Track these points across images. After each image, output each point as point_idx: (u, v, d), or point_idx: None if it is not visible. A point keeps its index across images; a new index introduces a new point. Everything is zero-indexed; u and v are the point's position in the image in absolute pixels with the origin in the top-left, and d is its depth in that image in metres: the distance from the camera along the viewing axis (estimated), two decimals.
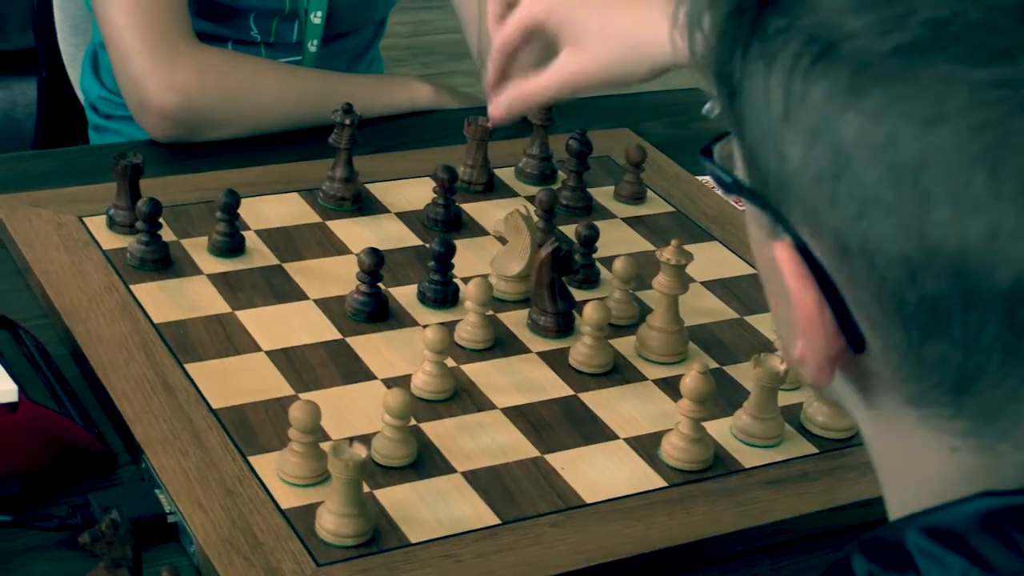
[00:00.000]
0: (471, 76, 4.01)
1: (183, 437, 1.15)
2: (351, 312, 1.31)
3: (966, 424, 0.69)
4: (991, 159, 0.62)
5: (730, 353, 1.34)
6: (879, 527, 0.72)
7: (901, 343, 0.67)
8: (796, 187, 0.67)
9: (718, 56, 0.70)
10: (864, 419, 0.74)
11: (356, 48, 1.94)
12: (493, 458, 1.17)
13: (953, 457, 0.70)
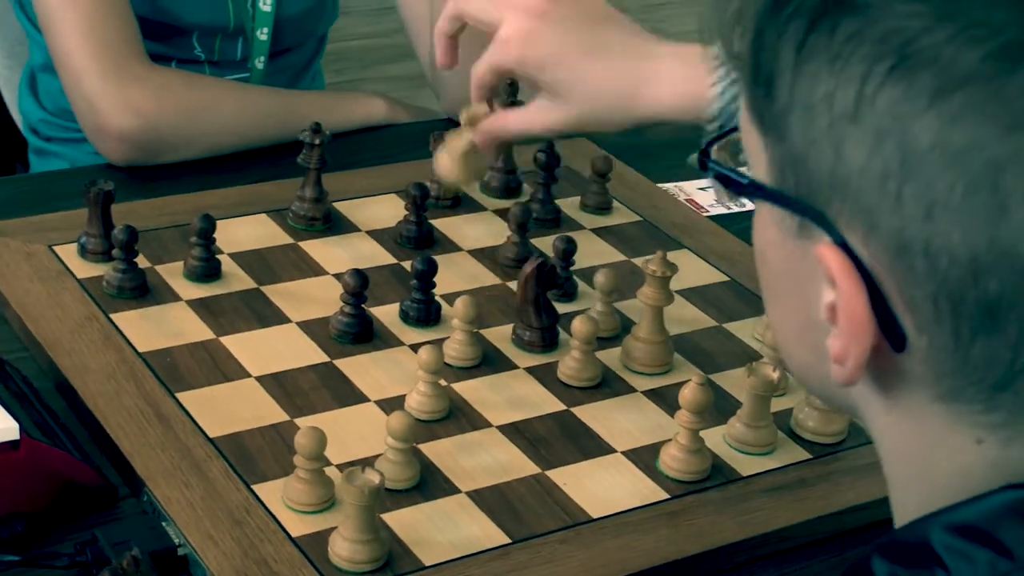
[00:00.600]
0: (383, 83, 4.02)
1: (184, 468, 1.15)
2: (336, 334, 1.31)
3: (999, 418, 0.70)
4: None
5: (713, 361, 1.35)
6: (894, 530, 0.74)
7: (949, 342, 0.69)
8: (854, 187, 0.68)
9: (761, 56, 0.71)
10: (878, 418, 0.75)
11: (299, 64, 1.94)
12: (495, 476, 1.18)
13: (978, 449, 0.71)
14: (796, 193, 0.71)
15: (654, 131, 1.80)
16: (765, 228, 0.75)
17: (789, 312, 0.75)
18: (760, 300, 1.39)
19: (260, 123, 1.65)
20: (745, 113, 0.75)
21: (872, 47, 0.66)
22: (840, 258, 0.69)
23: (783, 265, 0.74)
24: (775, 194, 0.72)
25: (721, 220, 1.62)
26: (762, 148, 0.73)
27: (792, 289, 0.74)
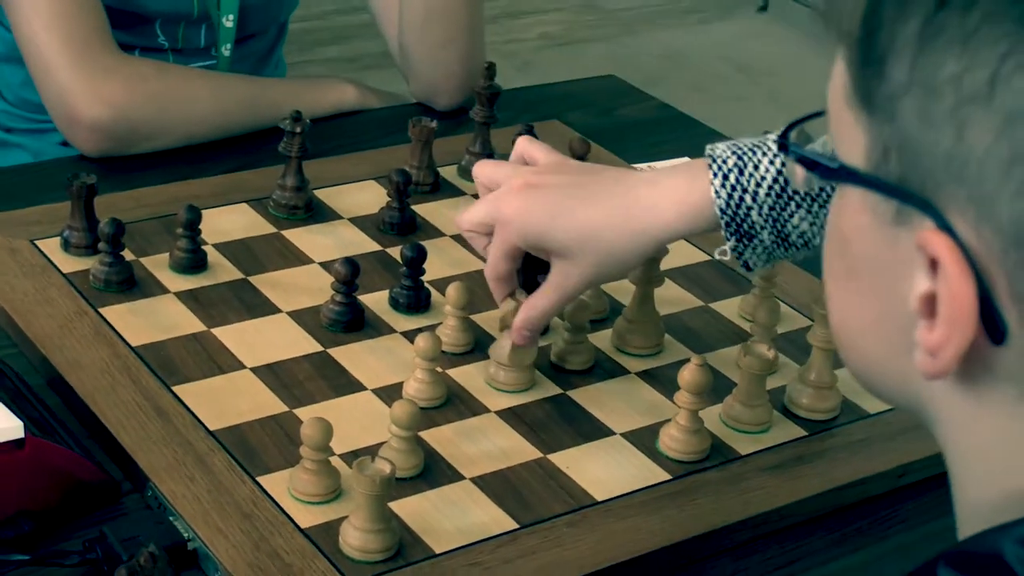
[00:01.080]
0: (322, 65, 4.00)
1: (187, 462, 1.14)
2: (327, 323, 1.31)
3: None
4: None
5: (703, 341, 1.36)
6: (963, 540, 0.71)
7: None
8: (973, 171, 0.65)
9: (877, 34, 0.68)
10: (953, 415, 0.72)
11: (262, 50, 1.93)
12: (498, 462, 1.18)
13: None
14: (898, 178, 0.68)
15: (624, 112, 1.83)
16: (854, 214, 0.72)
17: (866, 301, 0.73)
18: (744, 280, 1.42)
19: (233, 111, 1.64)
20: (841, 95, 0.72)
21: (1014, 26, 0.63)
22: (949, 245, 0.66)
23: (870, 252, 0.71)
24: (871, 179, 0.70)
25: None
26: (860, 131, 0.70)
27: (876, 278, 0.71)
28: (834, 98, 0.73)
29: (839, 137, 0.73)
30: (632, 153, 1.71)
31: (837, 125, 0.73)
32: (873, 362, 0.76)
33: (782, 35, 4.56)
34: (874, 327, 0.73)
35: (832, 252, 0.76)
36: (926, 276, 0.68)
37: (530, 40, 4.31)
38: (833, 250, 0.76)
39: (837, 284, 0.76)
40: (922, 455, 1.23)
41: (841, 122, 0.72)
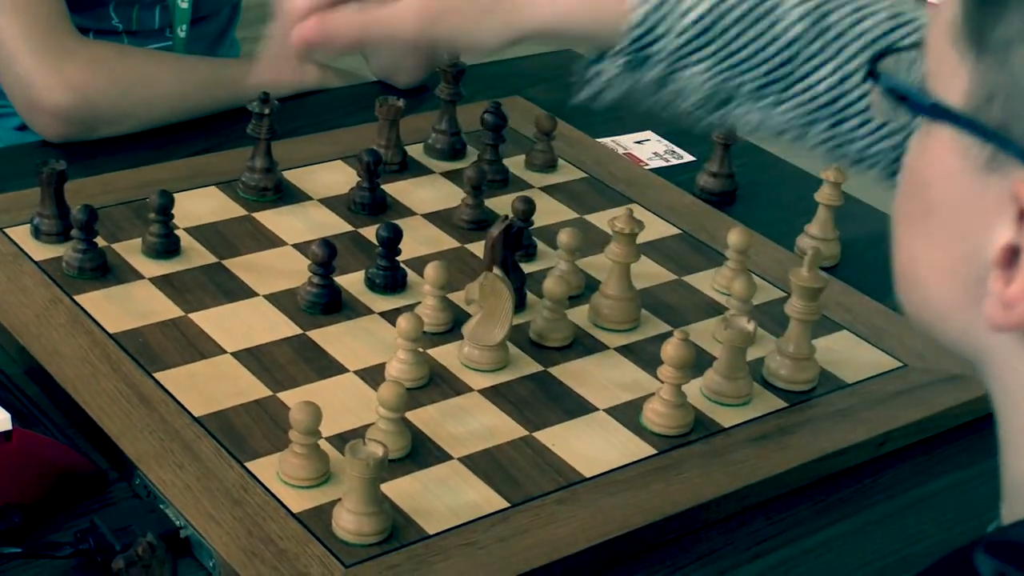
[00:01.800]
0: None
1: (174, 449, 1.13)
2: (305, 305, 1.30)
3: None
4: None
5: (679, 314, 1.37)
6: (1005, 527, 0.71)
7: None
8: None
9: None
10: (1017, 370, 0.70)
11: (215, 31, 1.91)
12: (485, 441, 1.18)
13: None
14: (1000, 124, 0.66)
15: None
16: (940, 155, 0.70)
17: (939, 246, 0.71)
18: (716, 253, 1.42)
19: (194, 94, 1.63)
20: (948, 30, 0.69)
21: None
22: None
23: (953, 196, 0.69)
24: (968, 121, 0.68)
25: (662, 173, 1.63)
26: (964, 71, 0.68)
27: (954, 223, 0.70)
28: (937, 32, 0.71)
29: (937, 74, 0.70)
30: (596, 127, 1.71)
31: (937, 62, 0.70)
32: (936, 309, 0.73)
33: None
34: (943, 274, 0.72)
35: (907, 193, 0.74)
36: (1012, 227, 0.66)
37: None
38: (908, 191, 0.74)
39: (909, 226, 0.74)
40: (902, 423, 1.25)
41: (943, 59, 0.70)
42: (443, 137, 1.58)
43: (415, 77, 1.76)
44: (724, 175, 1.59)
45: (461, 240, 1.44)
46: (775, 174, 1.68)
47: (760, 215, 1.56)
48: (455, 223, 1.46)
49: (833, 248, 1.49)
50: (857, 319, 1.38)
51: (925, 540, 1.17)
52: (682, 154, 1.69)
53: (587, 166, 1.60)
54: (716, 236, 1.47)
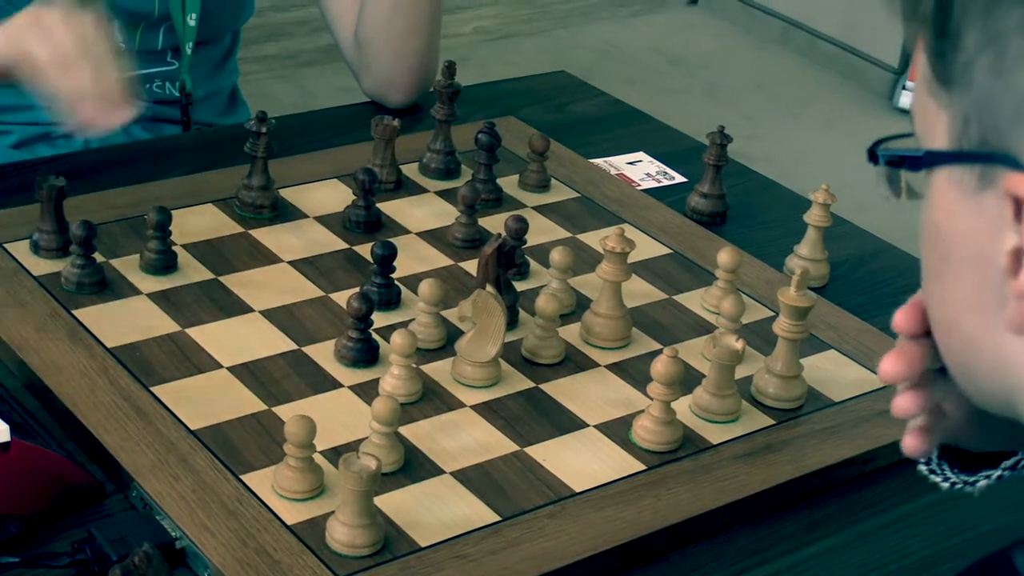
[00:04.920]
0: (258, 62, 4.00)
1: (170, 462, 1.15)
2: (348, 362, 1.28)
3: None
4: None
5: (669, 333, 1.38)
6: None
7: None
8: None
9: (951, 9, 0.72)
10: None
11: (217, 57, 1.93)
12: (477, 456, 1.20)
13: None
14: (979, 141, 0.72)
15: (576, 108, 1.85)
16: (942, 195, 0.76)
17: (960, 280, 0.76)
18: (706, 272, 1.44)
19: None
20: (925, 88, 0.76)
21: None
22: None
23: (960, 229, 0.75)
24: (954, 155, 0.74)
25: (654, 193, 1.65)
26: (942, 113, 0.75)
27: (966, 252, 0.75)
28: (918, 95, 0.77)
29: (926, 131, 0.77)
30: (587, 148, 1.73)
31: (923, 120, 0.77)
32: (971, 345, 0.77)
33: (713, 27, 4.60)
34: (969, 308, 0.76)
35: (927, 250, 0.79)
36: (1013, 230, 0.71)
37: (466, 35, 4.32)
38: (928, 247, 0.79)
39: (934, 277, 0.79)
40: (888, 441, 1.26)
41: (926, 114, 0.76)
42: (438, 156, 1.60)
43: (409, 97, 1.78)
44: (715, 196, 1.61)
45: (455, 258, 1.45)
46: (765, 195, 1.70)
47: (750, 235, 1.58)
48: (449, 241, 1.47)
49: (822, 268, 1.51)
50: (844, 338, 1.39)
51: (910, 556, 1.18)
52: (674, 175, 1.71)
53: (580, 186, 1.61)
54: (706, 256, 1.49)
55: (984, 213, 0.73)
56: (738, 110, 4.02)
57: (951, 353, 0.81)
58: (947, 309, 0.79)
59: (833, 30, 4.32)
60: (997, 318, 0.74)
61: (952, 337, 0.79)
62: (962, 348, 0.79)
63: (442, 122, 1.60)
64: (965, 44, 0.72)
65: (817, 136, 3.93)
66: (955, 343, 0.79)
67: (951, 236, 0.76)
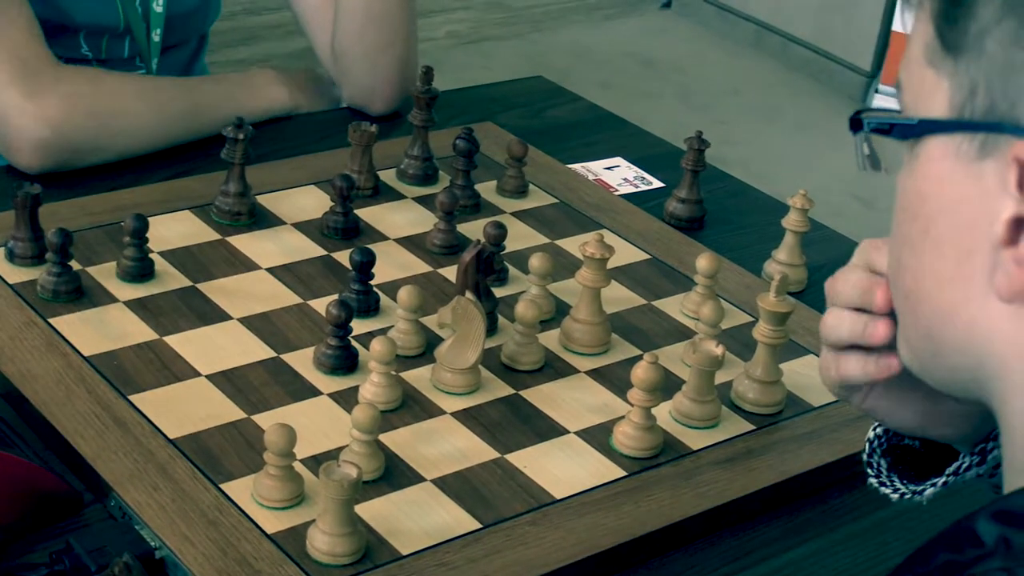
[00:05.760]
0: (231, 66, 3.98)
1: (149, 471, 1.14)
2: (326, 370, 1.28)
3: None
4: None
5: (648, 339, 1.38)
6: (1005, 496, 0.74)
7: None
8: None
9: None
10: (1017, 329, 0.75)
11: (184, 60, 1.92)
12: (457, 463, 1.19)
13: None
14: (986, 110, 0.73)
15: (554, 113, 1.85)
16: (931, 165, 0.77)
17: (944, 250, 0.77)
18: (685, 278, 1.44)
19: (170, 123, 1.64)
20: (921, 58, 0.77)
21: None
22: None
23: (951, 197, 0.76)
24: (956, 123, 0.75)
25: (632, 199, 1.65)
26: (943, 82, 0.76)
27: (958, 221, 0.76)
28: (913, 68, 0.78)
29: (917, 99, 0.78)
30: (565, 154, 1.73)
31: (915, 89, 0.78)
32: (944, 315, 0.79)
33: (686, 31, 4.61)
34: (948, 278, 0.77)
35: (904, 219, 0.80)
36: (1013, 199, 0.72)
37: (439, 39, 4.32)
38: (906, 215, 0.80)
39: (911, 247, 0.80)
40: None
41: (921, 83, 0.77)
42: (416, 162, 1.60)
43: (390, 104, 1.77)
44: (693, 201, 1.61)
45: (433, 264, 1.45)
46: (743, 200, 1.70)
47: (728, 240, 1.58)
48: (428, 247, 1.47)
49: (800, 273, 1.51)
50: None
51: (890, 560, 1.18)
52: (651, 180, 1.71)
53: (558, 191, 1.61)
54: (685, 261, 1.49)
55: (982, 181, 0.74)
56: (712, 113, 4.03)
57: (918, 324, 0.82)
58: (923, 280, 0.80)
59: (806, 34, 4.33)
60: (977, 288, 0.76)
61: (924, 307, 0.81)
62: (933, 319, 0.80)
63: (420, 128, 1.60)
64: (980, 13, 0.73)
65: (791, 139, 3.94)
66: (926, 313, 0.80)
67: (939, 205, 0.77)
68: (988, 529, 0.71)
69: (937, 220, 0.77)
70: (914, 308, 0.82)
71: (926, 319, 0.81)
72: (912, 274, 0.80)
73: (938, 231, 0.78)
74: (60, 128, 1.55)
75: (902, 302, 0.83)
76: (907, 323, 0.83)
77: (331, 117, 1.76)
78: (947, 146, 0.76)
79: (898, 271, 0.82)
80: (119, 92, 1.62)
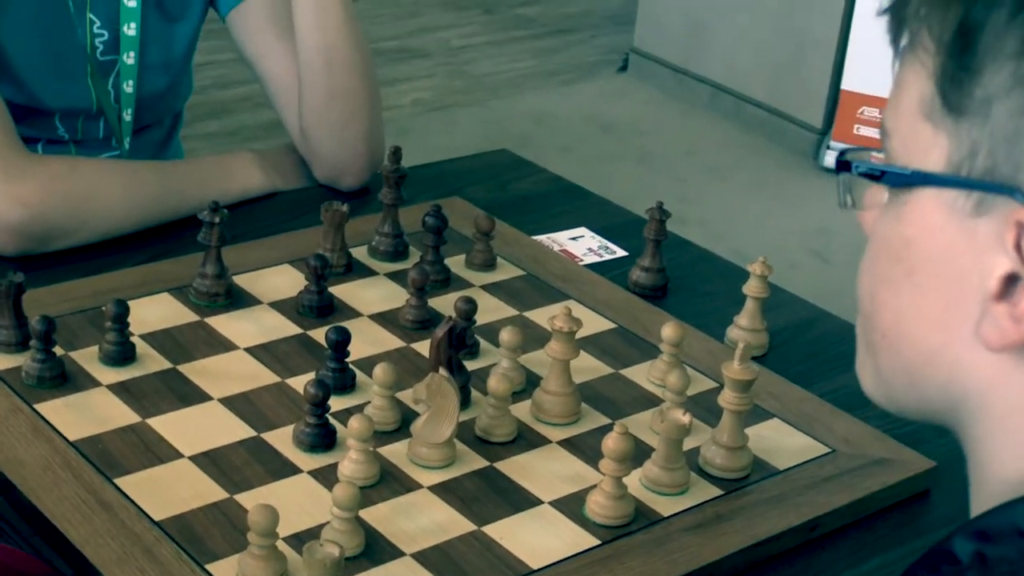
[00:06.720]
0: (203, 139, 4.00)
1: (135, 554, 1.14)
2: (304, 447, 1.28)
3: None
4: None
5: (617, 407, 1.39)
6: (978, 516, 0.76)
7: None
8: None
9: (977, 44, 0.74)
10: (1008, 388, 0.77)
11: (159, 139, 1.93)
12: (435, 536, 1.20)
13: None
14: (984, 171, 0.74)
15: (519, 185, 1.86)
16: (923, 215, 0.78)
17: (930, 295, 0.78)
18: (651, 347, 1.45)
19: (145, 205, 1.64)
20: (917, 112, 0.78)
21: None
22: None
23: (940, 248, 0.77)
24: (954, 179, 0.76)
25: (597, 268, 1.66)
26: (942, 138, 0.76)
27: (943, 271, 0.77)
28: (906, 119, 0.79)
29: (909, 150, 0.78)
30: (531, 225, 1.74)
31: (910, 141, 0.79)
32: (927, 355, 0.80)
33: (643, 94, 4.64)
34: (933, 321, 0.79)
35: (885, 260, 0.81)
36: (1008, 257, 0.74)
37: (405, 107, 4.34)
38: (888, 257, 0.81)
39: (892, 287, 0.81)
40: (833, 507, 1.27)
41: (915, 135, 0.78)
42: (386, 239, 1.60)
43: (360, 179, 1.78)
44: (656, 269, 1.62)
45: (407, 340, 1.46)
46: (704, 267, 1.71)
47: (691, 307, 1.59)
48: (400, 323, 1.48)
49: (761, 338, 1.52)
50: (786, 407, 1.41)
51: None
52: (615, 249, 1.72)
53: (525, 263, 1.62)
54: (650, 330, 1.50)
55: (975, 237, 0.75)
56: (671, 173, 4.06)
57: (897, 361, 0.82)
58: (904, 320, 0.81)
59: (759, 94, 4.37)
60: (963, 333, 0.77)
61: (905, 345, 0.81)
62: (915, 358, 0.81)
63: (389, 206, 1.60)
64: (988, 81, 0.74)
65: (747, 197, 3.97)
66: (907, 352, 0.81)
67: (927, 253, 0.78)
68: (964, 547, 0.73)
69: (925, 266, 0.78)
70: (894, 346, 0.82)
71: (907, 357, 0.82)
72: (892, 314, 0.81)
73: (923, 277, 0.79)
74: (36, 211, 1.55)
75: (878, 339, 0.84)
76: (883, 358, 0.84)
77: (303, 196, 1.76)
78: (940, 198, 0.77)
79: (874, 308, 0.83)
80: (95, 176, 1.63)
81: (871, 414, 1.39)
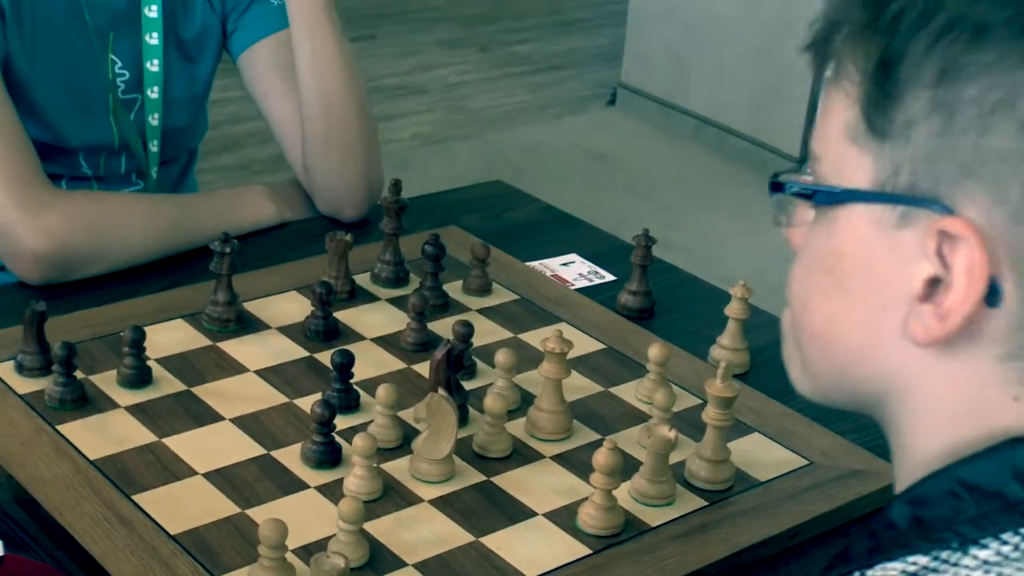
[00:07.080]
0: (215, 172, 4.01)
1: (153, 567, 1.15)
2: (312, 464, 1.29)
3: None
4: None
5: (606, 423, 1.40)
6: (907, 489, 0.78)
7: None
8: (991, 167, 0.74)
9: (898, 71, 0.76)
10: (931, 379, 0.79)
11: (176, 174, 1.94)
12: (436, 548, 1.20)
13: (1014, 405, 0.78)
14: (908, 187, 0.77)
15: (513, 215, 1.87)
16: (851, 230, 0.80)
17: (858, 302, 0.80)
18: (638, 366, 1.46)
19: (163, 235, 1.65)
20: (843, 136, 0.80)
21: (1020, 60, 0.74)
22: (966, 224, 0.75)
23: (868, 258, 0.79)
24: (878, 195, 0.78)
25: (587, 292, 1.67)
26: (867, 159, 0.78)
27: (874, 279, 0.79)
28: (833, 143, 0.81)
29: (839, 170, 0.81)
30: (524, 253, 1.75)
31: (836, 162, 0.81)
32: (856, 355, 0.82)
33: (630, 126, 4.66)
34: (862, 324, 0.81)
35: (817, 271, 0.83)
36: (930, 263, 0.76)
37: (405, 140, 4.36)
38: (819, 269, 0.83)
39: (823, 295, 0.83)
40: (812, 515, 1.28)
41: (842, 158, 0.80)
42: (388, 267, 1.61)
43: (359, 211, 1.79)
44: (643, 293, 1.63)
45: (407, 361, 1.46)
46: (688, 290, 1.72)
47: (676, 328, 1.60)
48: (402, 346, 1.49)
49: (743, 357, 1.53)
50: (766, 422, 1.42)
51: None
52: (604, 274, 1.73)
53: (519, 288, 1.63)
54: (638, 350, 1.51)
55: (900, 247, 0.78)
56: (657, 201, 4.07)
57: (826, 360, 0.85)
58: (834, 324, 0.83)
59: (742, 126, 4.39)
60: (889, 334, 0.79)
61: (834, 347, 0.84)
62: (843, 356, 0.83)
63: (390, 235, 1.61)
64: (908, 106, 0.76)
65: (730, 224, 3.98)
66: (837, 352, 0.84)
67: (856, 264, 0.80)
68: (901, 512, 0.76)
69: (854, 276, 0.81)
70: (823, 347, 0.85)
71: (835, 356, 0.84)
72: (823, 318, 0.84)
73: (853, 285, 0.81)
74: (61, 242, 1.57)
75: (807, 340, 0.86)
76: (813, 358, 0.86)
77: (309, 226, 1.77)
78: (868, 214, 0.79)
79: (804, 312, 0.85)
80: (116, 209, 1.64)
81: (847, 428, 1.40)
